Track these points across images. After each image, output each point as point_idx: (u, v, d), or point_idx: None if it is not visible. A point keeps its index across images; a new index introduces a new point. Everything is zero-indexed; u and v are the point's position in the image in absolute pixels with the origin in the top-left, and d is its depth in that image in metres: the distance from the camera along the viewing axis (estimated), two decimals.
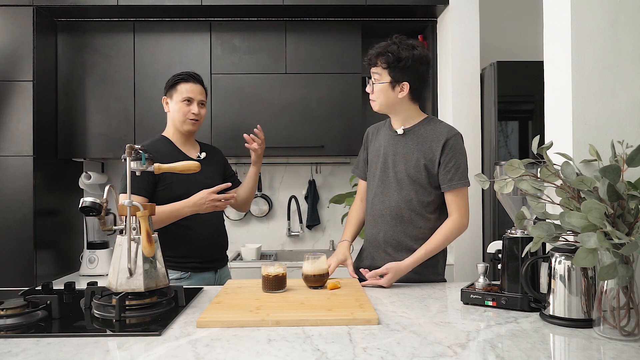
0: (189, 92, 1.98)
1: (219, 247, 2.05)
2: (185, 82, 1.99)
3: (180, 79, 2.00)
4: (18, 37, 2.68)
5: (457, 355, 1.01)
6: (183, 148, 2.02)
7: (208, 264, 1.99)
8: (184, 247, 1.92)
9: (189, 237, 1.92)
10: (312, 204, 3.29)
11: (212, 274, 2.00)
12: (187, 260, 1.93)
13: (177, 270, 1.91)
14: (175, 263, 1.90)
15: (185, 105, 1.98)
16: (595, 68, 1.37)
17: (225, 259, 2.10)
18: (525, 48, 3.16)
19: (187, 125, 1.99)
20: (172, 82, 2.01)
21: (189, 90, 1.99)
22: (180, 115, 1.98)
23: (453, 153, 1.69)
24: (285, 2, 2.80)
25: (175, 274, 1.91)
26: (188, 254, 1.93)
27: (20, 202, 2.63)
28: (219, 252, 2.05)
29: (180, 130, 2.01)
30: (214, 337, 1.12)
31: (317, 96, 2.96)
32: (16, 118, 2.65)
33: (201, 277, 1.96)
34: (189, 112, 1.98)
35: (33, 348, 1.06)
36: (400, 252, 1.72)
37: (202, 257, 1.96)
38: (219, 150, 2.22)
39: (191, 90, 1.99)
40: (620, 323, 1.10)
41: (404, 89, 1.70)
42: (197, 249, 1.94)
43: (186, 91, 1.98)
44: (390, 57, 1.67)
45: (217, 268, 2.03)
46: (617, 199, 1.10)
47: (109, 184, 1.39)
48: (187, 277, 1.92)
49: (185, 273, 1.92)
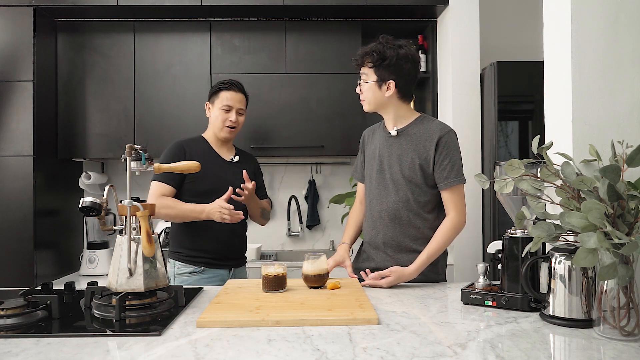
0: (229, 100, 2.06)
1: (235, 248, 2.10)
2: (227, 90, 2.07)
3: (223, 87, 2.07)
4: (18, 37, 2.68)
5: (457, 355, 1.01)
6: (219, 150, 2.10)
7: (223, 262, 2.04)
8: (201, 241, 2.00)
9: (207, 234, 1.99)
10: (312, 204, 3.30)
11: (226, 272, 2.05)
12: (201, 255, 2.00)
13: (191, 264, 1.99)
14: (190, 257, 1.99)
15: (224, 113, 2.05)
16: (595, 68, 1.37)
17: (242, 260, 2.15)
18: (525, 48, 3.17)
19: (224, 132, 2.07)
20: (216, 89, 2.09)
21: (229, 98, 2.06)
22: (219, 122, 2.06)
23: (447, 151, 1.69)
24: (285, 2, 2.80)
25: (189, 268, 1.99)
26: (203, 248, 2.00)
27: (20, 202, 2.63)
28: (234, 252, 2.10)
29: (218, 136, 2.09)
30: (214, 337, 1.12)
31: (317, 96, 2.96)
32: (16, 118, 2.65)
33: (215, 272, 2.02)
34: (227, 120, 2.05)
35: (33, 348, 1.05)
36: (400, 253, 1.72)
37: (217, 254, 2.02)
38: (255, 159, 2.28)
39: (231, 99, 2.06)
40: (620, 323, 1.10)
41: (390, 87, 1.70)
42: (213, 246, 2.01)
43: (226, 99, 2.06)
44: (375, 56, 1.69)
45: (232, 267, 2.07)
46: (617, 199, 1.10)
47: (109, 184, 1.39)
48: (200, 271, 2.00)
49: (198, 267, 1.99)
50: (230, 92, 2.07)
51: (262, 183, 2.26)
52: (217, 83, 2.12)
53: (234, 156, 2.14)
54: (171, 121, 2.91)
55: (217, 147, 2.11)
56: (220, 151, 2.11)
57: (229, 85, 2.08)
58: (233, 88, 2.08)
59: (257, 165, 2.27)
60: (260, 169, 2.28)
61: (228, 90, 2.07)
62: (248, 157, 2.22)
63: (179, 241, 2.03)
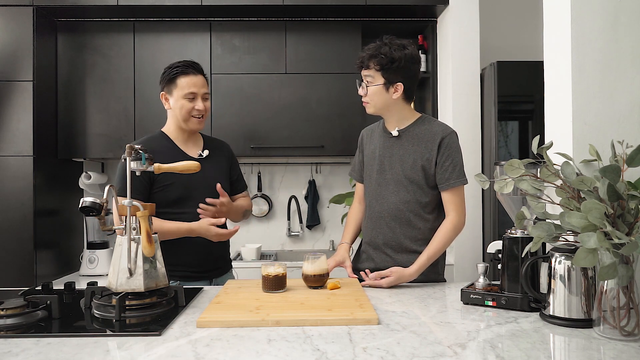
0: (191, 87, 1.78)
1: (215, 257, 1.87)
2: (185, 75, 1.79)
3: (179, 72, 1.79)
4: (18, 37, 2.68)
5: (457, 355, 1.01)
6: (183, 146, 1.86)
7: (201, 273, 1.83)
8: (176, 255, 1.75)
9: (182, 245, 1.77)
10: (312, 204, 3.29)
11: (206, 283, 1.84)
12: (177, 268, 1.75)
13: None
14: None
15: (189, 102, 1.79)
16: (595, 68, 1.37)
17: (222, 269, 1.92)
18: (525, 48, 3.16)
19: (193, 124, 1.82)
20: (170, 76, 1.80)
21: (191, 84, 1.78)
22: (184, 112, 1.79)
23: (449, 152, 1.69)
24: (285, 2, 2.80)
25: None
26: (179, 262, 1.76)
27: (20, 202, 2.63)
28: (214, 262, 1.87)
29: (185, 129, 1.84)
30: (214, 337, 1.12)
31: (317, 96, 2.96)
32: (16, 118, 2.65)
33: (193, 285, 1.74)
34: (193, 109, 1.80)
35: (33, 348, 1.05)
36: (400, 254, 1.72)
37: (194, 267, 1.81)
38: (227, 146, 2.02)
39: (193, 84, 1.79)
40: (620, 323, 1.10)
41: (398, 89, 1.69)
42: (189, 258, 1.79)
43: (187, 85, 1.78)
44: (384, 59, 1.65)
45: (212, 277, 1.87)
46: (617, 199, 1.10)
47: (109, 184, 1.39)
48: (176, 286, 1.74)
49: (174, 282, 1.74)
50: (190, 77, 1.78)
51: (239, 174, 2.01)
52: (168, 68, 1.82)
53: (202, 150, 1.88)
54: None
55: (181, 143, 1.85)
56: (186, 146, 1.85)
57: (185, 67, 1.79)
58: (191, 71, 1.79)
59: (231, 153, 2.01)
60: (235, 157, 2.02)
61: (187, 75, 1.78)
62: (219, 147, 1.96)
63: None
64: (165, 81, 1.83)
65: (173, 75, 1.80)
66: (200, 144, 1.92)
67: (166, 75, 1.82)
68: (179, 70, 1.79)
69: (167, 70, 1.83)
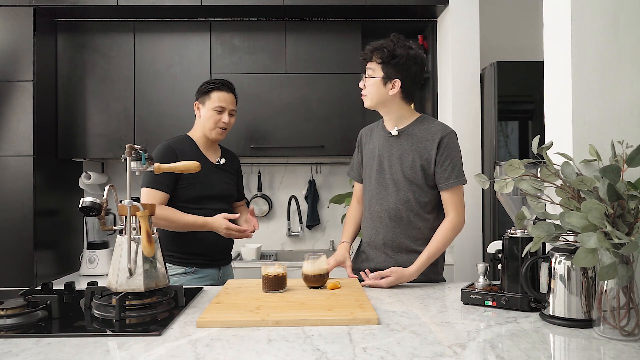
0: (222, 101, 2.02)
1: (222, 249, 2.12)
2: (218, 91, 2.03)
3: (214, 87, 2.03)
4: (18, 37, 2.68)
5: (457, 355, 1.01)
6: (205, 151, 2.07)
7: (212, 262, 2.07)
8: (191, 245, 2.01)
9: (196, 237, 2.00)
10: (312, 204, 3.29)
11: (215, 270, 2.09)
12: (192, 257, 2.02)
13: (183, 266, 2.01)
14: (181, 259, 2.00)
15: (217, 114, 2.02)
16: (595, 68, 1.37)
17: (228, 259, 2.19)
18: (525, 48, 3.17)
19: (216, 134, 2.04)
20: (206, 89, 2.04)
21: (222, 99, 2.02)
22: (211, 123, 2.02)
23: (448, 152, 1.69)
24: (285, 2, 2.80)
25: (180, 269, 2.00)
26: (194, 252, 2.01)
27: (20, 202, 2.63)
28: (222, 253, 2.12)
29: (208, 137, 2.05)
30: (214, 337, 1.12)
31: (317, 96, 2.96)
32: (16, 118, 2.65)
33: (205, 272, 2.05)
34: (219, 121, 2.03)
35: (33, 348, 1.05)
36: (399, 254, 1.73)
37: (207, 256, 2.05)
38: (238, 158, 2.27)
39: (224, 100, 2.03)
40: (620, 323, 1.10)
41: (395, 86, 1.70)
42: (202, 249, 2.02)
43: (218, 100, 2.02)
44: (385, 53, 1.68)
45: (220, 265, 2.11)
46: (617, 199, 1.10)
47: (109, 184, 1.39)
48: (191, 272, 2.01)
49: (190, 268, 2.01)
50: (222, 93, 2.03)
51: (242, 184, 2.27)
52: (205, 82, 2.07)
53: (220, 158, 2.12)
54: (171, 121, 2.91)
55: (204, 149, 2.07)
56: (207, 153, 2.08)
57: (220, 85, 2.04)
58: (224, 89, 2.04)
59: (240, 165, 2.27)
60: (240, 170, 2.27)
61: (220, 91, 2.03)
62: (232, 158, 2.21)
63: (168, 245, 1.99)
64: (200, 93, 2.07)
65: (208, 89, 2.04)
66: (218, 152, 2.15)
67: (202, 88, 2.06)
68: (214, 85, 2.04)
69: (204, 84, 2.07)
